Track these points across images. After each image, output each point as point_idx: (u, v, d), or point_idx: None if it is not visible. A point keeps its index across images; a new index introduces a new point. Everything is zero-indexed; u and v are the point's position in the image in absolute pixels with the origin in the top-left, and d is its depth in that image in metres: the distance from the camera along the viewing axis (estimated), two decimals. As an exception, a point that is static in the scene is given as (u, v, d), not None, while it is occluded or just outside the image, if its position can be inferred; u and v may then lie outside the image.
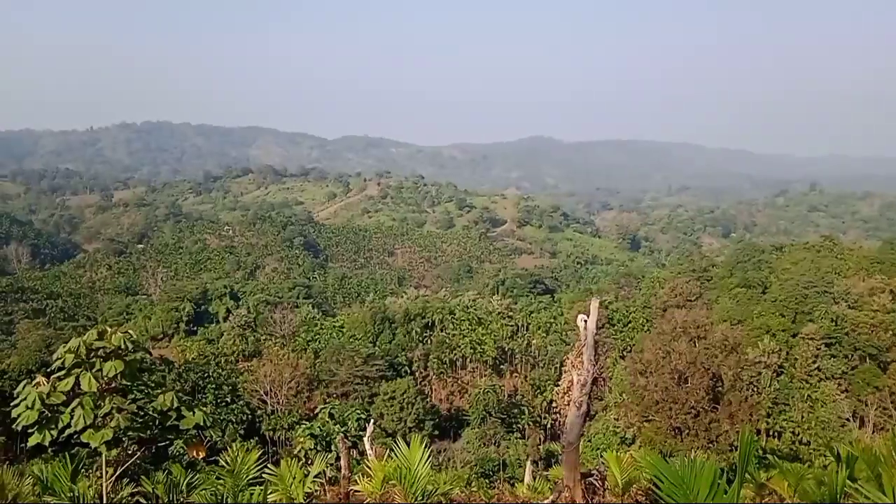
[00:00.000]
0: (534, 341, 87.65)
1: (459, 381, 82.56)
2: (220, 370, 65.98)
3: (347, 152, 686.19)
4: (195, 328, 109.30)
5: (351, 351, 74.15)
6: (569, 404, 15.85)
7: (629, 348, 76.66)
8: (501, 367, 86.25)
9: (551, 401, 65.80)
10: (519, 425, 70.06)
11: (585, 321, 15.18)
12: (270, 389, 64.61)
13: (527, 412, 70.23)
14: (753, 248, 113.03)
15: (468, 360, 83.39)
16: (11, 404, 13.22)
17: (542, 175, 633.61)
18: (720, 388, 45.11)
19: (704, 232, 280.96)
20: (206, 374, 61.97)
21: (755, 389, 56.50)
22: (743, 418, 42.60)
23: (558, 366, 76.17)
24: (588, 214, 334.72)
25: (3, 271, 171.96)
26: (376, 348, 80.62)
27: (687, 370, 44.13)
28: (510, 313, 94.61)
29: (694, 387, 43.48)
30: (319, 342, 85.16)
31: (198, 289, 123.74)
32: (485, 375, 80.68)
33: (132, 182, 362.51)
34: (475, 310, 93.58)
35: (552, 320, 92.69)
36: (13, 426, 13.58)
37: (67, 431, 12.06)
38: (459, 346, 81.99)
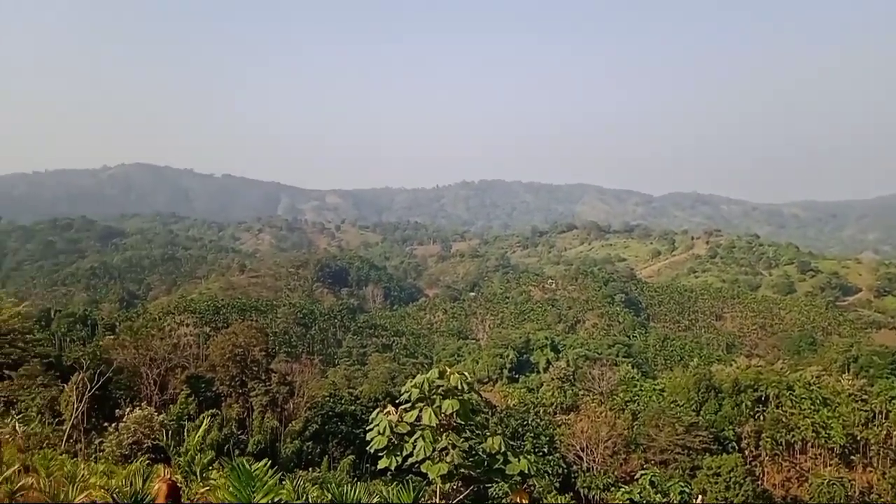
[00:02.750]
0: (895, 432, 73.95)
1: (798, 467, 72.87)
2: (539, 420, 67.26)
3: (674, 209, 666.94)
4: (517, 375, 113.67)
5: (672, 417, 70.18)
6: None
7: None
8: (852, 457, 74.17)
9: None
10: (874, 530, 59.20)
11: None
12: (586, 446, 63.90)
13: (885, 516, 59.10)
14: None
15: (809, 444, 73.30)
16: (367, 428, 14.90)
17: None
18: None
19: None
20: (525, 422, 63.67)
21: None
22: None
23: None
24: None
25: (362, 309, 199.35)
26: (700, 418, 75.19)
27: None
28: (864, 396, 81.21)
29: None
30: (638, 404, 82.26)
31: (521, 338, 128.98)
32: (830, 465, 70.12)
33: (468, 235, 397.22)
34: (819, 388, 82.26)
35: (922, 410, 77.37)
36: (367, 448, 15.25)
37: (410, 460, 13.13)
38: (799, 428, 72.53)
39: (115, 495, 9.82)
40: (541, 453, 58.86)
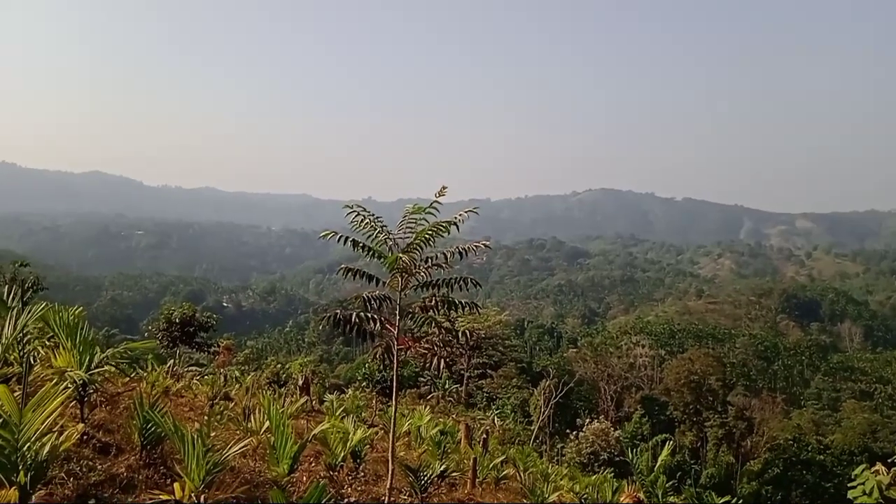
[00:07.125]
0: None
1: None
2: None
3: None
4: None
5: None
6: None
7: None
8: None
9: None
10: None
11: None
12: None
13: None
14: None
15: None
16: (846, 483, 12.95)
17: None
18: None
19: None
20: None
21: None
22: None
23: None
24: None
25: (836, 348, 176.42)
26: None
27: None
28: None
29: None
30: None
31: None
32: None
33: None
34: None
35: None
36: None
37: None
38: None
39: (583, 500, 10.44)
40: None
